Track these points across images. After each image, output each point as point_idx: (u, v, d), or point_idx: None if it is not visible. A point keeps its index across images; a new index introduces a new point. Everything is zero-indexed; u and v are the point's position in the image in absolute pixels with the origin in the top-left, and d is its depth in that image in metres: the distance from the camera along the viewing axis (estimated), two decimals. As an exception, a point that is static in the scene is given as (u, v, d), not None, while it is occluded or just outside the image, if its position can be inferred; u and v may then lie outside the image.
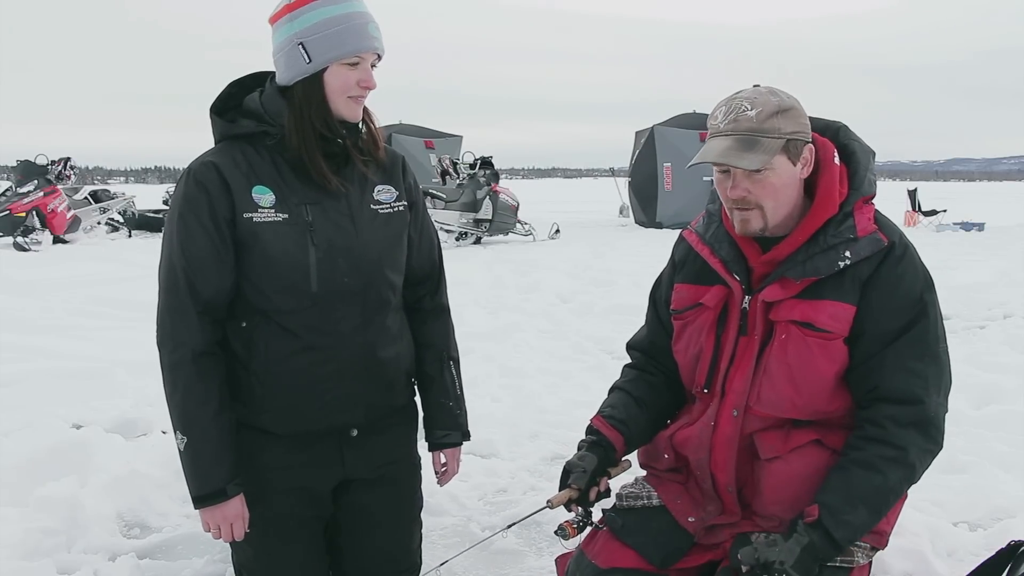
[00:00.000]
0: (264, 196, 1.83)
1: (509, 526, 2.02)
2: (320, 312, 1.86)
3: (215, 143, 1.92)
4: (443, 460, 2.15)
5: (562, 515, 1.88)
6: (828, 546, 1.60)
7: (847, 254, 1.68)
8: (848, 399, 1.74)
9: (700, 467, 1.83)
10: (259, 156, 1.86)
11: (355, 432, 1.96)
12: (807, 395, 1.72)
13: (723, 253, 1.80)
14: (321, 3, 1.80)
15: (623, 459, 1.96)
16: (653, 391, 1.97)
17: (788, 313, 1.71)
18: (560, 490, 1.87)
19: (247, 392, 1.89)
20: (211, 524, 1.87)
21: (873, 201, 1.78)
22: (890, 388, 1.68)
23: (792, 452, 1.74)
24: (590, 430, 1.95)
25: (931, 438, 1.70)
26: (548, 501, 1.87)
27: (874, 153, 1.81)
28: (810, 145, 1.72)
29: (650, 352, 2.01)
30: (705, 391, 1.83)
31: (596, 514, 1.91)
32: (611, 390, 2.04)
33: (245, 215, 1.82)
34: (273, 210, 1.83)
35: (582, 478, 1.85)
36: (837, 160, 1.76)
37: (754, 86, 1.75)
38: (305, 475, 1.94)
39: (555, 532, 1.85)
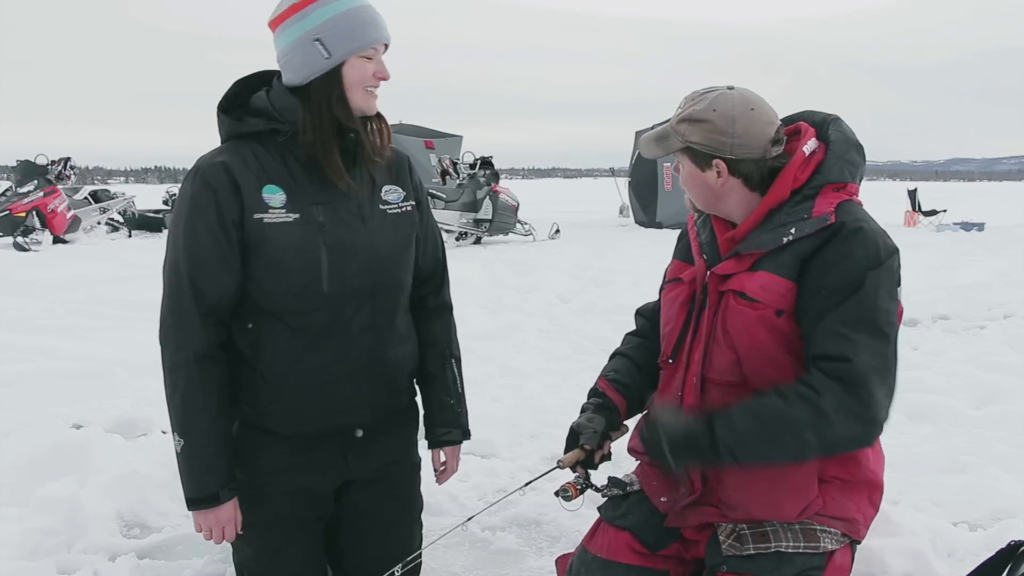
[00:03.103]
0: (275, 196, 1.82)
1: (527, 483, 2.01)
2: (330, 313, 1.85)
3: (221, 142, 1.91)
4: (443, 458, 2.16)
5: (550, 489, 1.92)
6: (705, 436, 1.63)
7: (792, 230, 1.73)
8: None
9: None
10: (268, 155, 1.85)
11: (360, 433, 1.96)
12: (751, 362, 1.76)
13: (703, 236, 1.91)
14: None
15: (623, 423, 2.02)
16: (654, 359, 2.01)
17: (731, 284, 1.78)
18: (568, 451, 1.92)
19: (252, 393, 1.88)
20: (203, 526, 1.88)
21: (854, 194, 1.79)
22: (820, 349, 1.67)
23: None
24: (595, 392, 2.01)
25: (857, 398, 1.61)
26: (559, 461, 1.91)
27: (858, 146, 1.83)
28: (719, 160, 1.77)
29: (654, 319, 2.06)
30: (670, 361, 1.90)
31: (594, 480, 1.94)
32: (613, 355, 2.10)
33: (255, 216, 1.81)
34: (284, 210, 1.82)
35: (594, 439, 1.90)
36: (809, 149, 1.79)
37: (727, 87, 1.80)
38: (308, 477, 1.94)
39: (555, 493, 1.87)
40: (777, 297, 1.72)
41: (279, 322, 1.85)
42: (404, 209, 1.98)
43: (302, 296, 1.84)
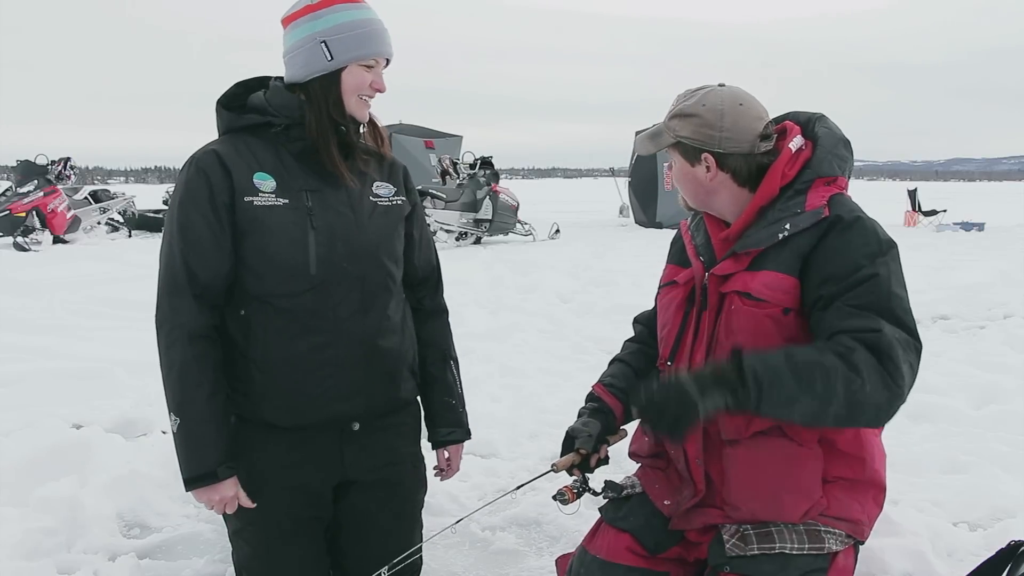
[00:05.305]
0: (265, 182, 1.89)
1: (518, 487, 2.01)
2: (318, 296, 1.89)
3: (219, 135, 1.97)
4: (447, 456, 2.20)
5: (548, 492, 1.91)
6: (733, 368, 1.55)
7: (787, 226, 1.73)
8: None
9: (674, 444, 1.89)
10: (261, 145, 1.92)
11: (356, 426, 1.97)
12: None
13: (698, 239, 1.92)
14: (343, 6, 1.88)
15: (621, 428, 2.02)
16: (651, 364, 2.02)
17: (733, 285, 1.77)
18: (563, 455, 1.93)
19: (246, 381, 1.90)
20: (205, 501, 1.89)
21: (843, 188, 1.81)
22: (843, 325, 1.62)
23: (754, 438, 1.77)
24: (591, 397, 2.02)
25: (885, 368, 1.57)
26: (552, 465, 1.92)
27: (846, 141, 1.85)
28: (708, 155, 1.79)
29: (651, 326, 2.07)
30: (669, 363, 1.90)
31: (592, 484, 1.94)
32: (611, 362, 2.11)
33: (246, 199, 1.86)
34: (274, 195, 1.88)
35: (588, 442, 1.91)
36: (795, 146, 1.81)
37: (719, 84, 1.83)
38: (304, 473, 1.94)
39: (553, 497, 1.88)
40: (783, 295, 1.72)
41: (269, 306, 1.89)
42: (394, 203, 2.03)
43: (291, 278, 1.87)
